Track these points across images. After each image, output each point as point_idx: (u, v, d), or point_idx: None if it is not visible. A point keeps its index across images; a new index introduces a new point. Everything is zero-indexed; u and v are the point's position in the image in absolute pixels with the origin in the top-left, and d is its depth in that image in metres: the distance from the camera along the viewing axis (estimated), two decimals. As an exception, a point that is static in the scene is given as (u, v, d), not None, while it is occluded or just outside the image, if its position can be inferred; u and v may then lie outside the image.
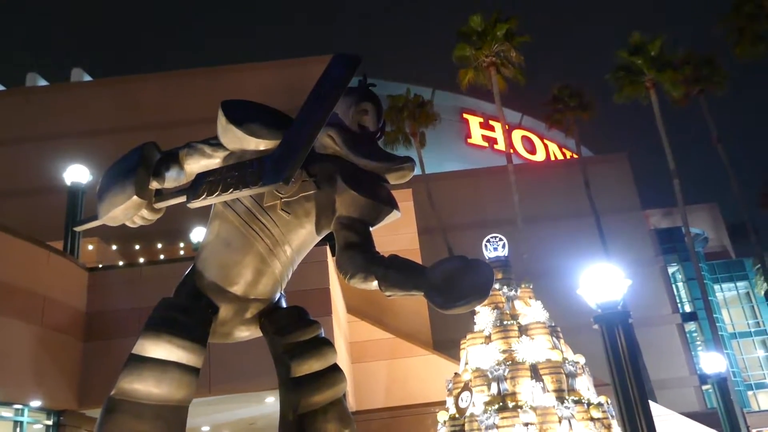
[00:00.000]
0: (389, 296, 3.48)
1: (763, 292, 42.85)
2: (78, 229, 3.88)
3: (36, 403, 12.53)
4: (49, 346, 12.95)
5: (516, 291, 15.55)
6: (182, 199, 3.62)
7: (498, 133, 44.21)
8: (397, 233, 24.05)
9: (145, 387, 3.41)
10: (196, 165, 3.65)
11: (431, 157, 35.79)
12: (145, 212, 3.66)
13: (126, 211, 3.59)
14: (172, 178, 3.67)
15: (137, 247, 22.34)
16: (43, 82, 34.65)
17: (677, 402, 27.53)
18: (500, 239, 16.09)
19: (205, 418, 17.43)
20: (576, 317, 18.76)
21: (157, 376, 3.44)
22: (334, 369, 4.02)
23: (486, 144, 46.02)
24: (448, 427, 14.10)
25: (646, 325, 30.33)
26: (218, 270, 3.81)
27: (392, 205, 3.72)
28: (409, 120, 32.63)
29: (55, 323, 13.15)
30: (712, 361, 16.14)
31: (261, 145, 3.41)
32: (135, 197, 3.52)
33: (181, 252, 21.86)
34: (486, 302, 15.69)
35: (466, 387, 14.28)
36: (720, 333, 36.49)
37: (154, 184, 3.63)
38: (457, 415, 14.10)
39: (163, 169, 3.63)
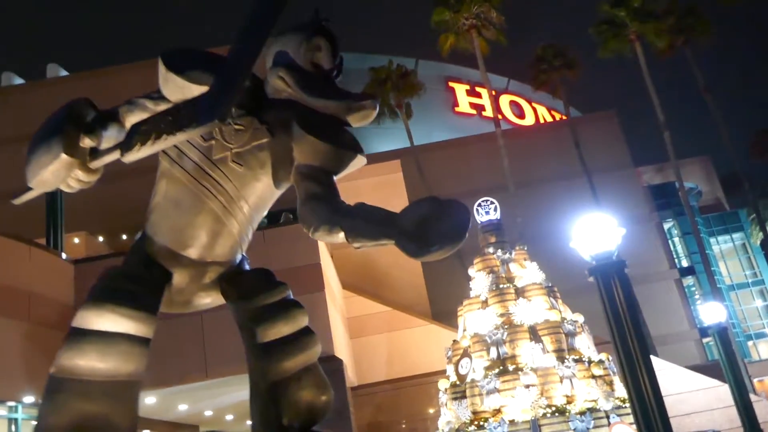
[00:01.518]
0: (358, 247, 3.20)
1: (759, 242, 42.83)
2: (16, 201, 3.55)
3: (29, 399, 12.32)
4: (38, 341, 12.71)
5: (511, 254, 15.32)
6: (118, 154, 3.31)
7: (485, 99, 43.75)
8: (387, 206, 23.73)
9: (87, 362, 3.12)
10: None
11: (419, 128, 35.44)
12: (79, 173, 3.34)
13: (56, 172, 3.27)
14: (111, 137, 3.35)
15: (124, 237, 22.02)
16: (19, 81, 33.99)
17: (678, 356, 27.56)
18: (492, 203, 15.83)
19: (207, 403, 17.30)
20: (575, 278, 18.46)
21: (100, 349, 3.15)
22: (306, 332, 3.74)
23: (474, 111, 45.62)
24: (449, 395, 13.96)
25: (644, 282, 30.42)
26: (169, 233, 3.50)
27: (356, 149, 3.40)
28: (393, 91, 32.17)
29: (42, 318, 12.90)
30: (711, 311, 15.98)
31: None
32: (63, 156, 3.20)
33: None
34: (480, 266, 15.54)
35: (466, 353, 14.12)
36: (718, 285, 36.50)
37: (87, 142, 3.31)
38: (458, 382, 13.97)
39: (98, 127, 3.31)
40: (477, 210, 15.98)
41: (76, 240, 19.87)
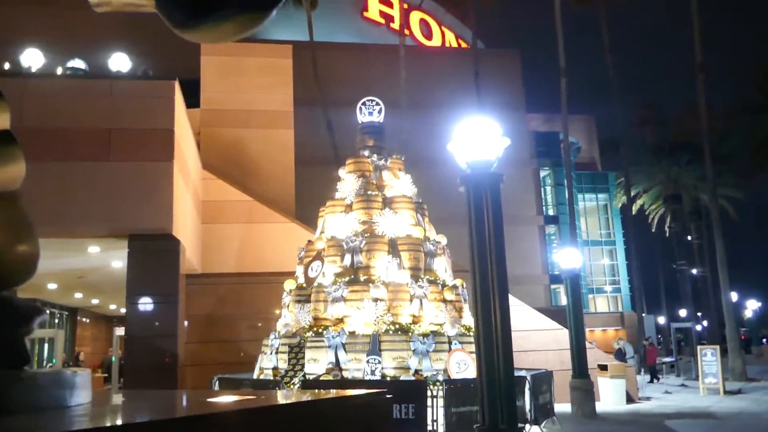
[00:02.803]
0: (100, 10, 1.85)
1: (620, 205, 45.27)
2: None
3: None
4: None
5: (386, 161, 14.31)
6: None
7: (396, 11, 41.90)
8: (271, 93, 21.96)
9: None
10: None
11: (322, 25, 33.21)
12: None
13: None
14: None
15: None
16: None
17: (528, 298, 28.47)
18: (377, 103, 14.62)
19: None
20: (448, 207, 18.03)
21: None
22: (3, 139, 2.36)
23: (382, 21, 43.66)
24: (293, 296, 13.04)
25: (511, 223, 30.82)
26: None
27: None
28: (302, -24, 29.61)
29: None
30: (569, 257, 16.09)
31: None
32: None
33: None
34: (352, 168, 14.46)
35: (318, 256, 13.17)
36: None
37: None
38: (304, 285, 13.05)
39: None
40: (360, 109, 14.75)
41: None
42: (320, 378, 11.20)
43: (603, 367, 17.63)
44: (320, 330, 11.91)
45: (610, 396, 17.06)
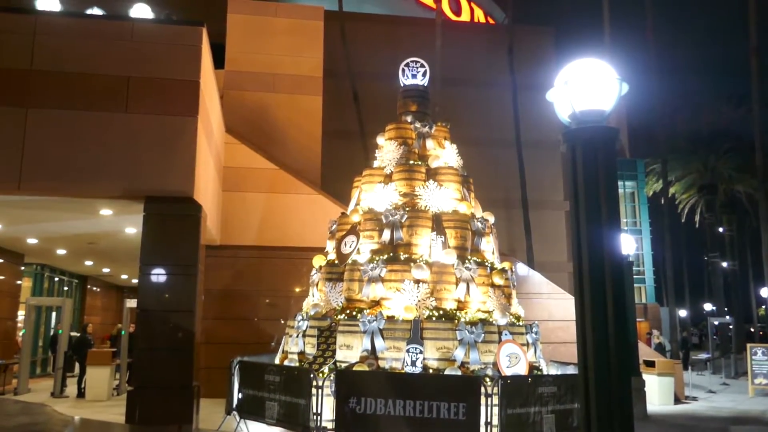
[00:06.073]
0: None
1: (651, 193, 43.68)
2: None
3: None
4: None
5: (431, 128, 12.92)
6: None
7: (427, -17, 40.26)
8: (299, 54, 20.55)
9: None
10: None
11: (349, -2, 31.75)
12: None
13: None
14: None
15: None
16: None
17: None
18: (422, 65, 13.21)
19: (29, 227, 14.17)
20: (477, 191, 16.69)
21: None
22: None
23: (412, -7, 42.04)
24: (323, 274, 11.78)
25: (538, 207, 29.99)
26: None
27: None
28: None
29: None
30: (623, 242, 14.72)
31: None
32: None
33: None
34: (393, 135, 13.06)
35: (353, 230, 11.87)
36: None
37: None
38: (336, 262, 11.77)
39: None
40: (403, 71, 13.36)
41: None
42: (353, 367, 9.96)
43: (649, 364, 16.33)
44: (354, 313, 10.67)
45: (657, 395, 15.76)
